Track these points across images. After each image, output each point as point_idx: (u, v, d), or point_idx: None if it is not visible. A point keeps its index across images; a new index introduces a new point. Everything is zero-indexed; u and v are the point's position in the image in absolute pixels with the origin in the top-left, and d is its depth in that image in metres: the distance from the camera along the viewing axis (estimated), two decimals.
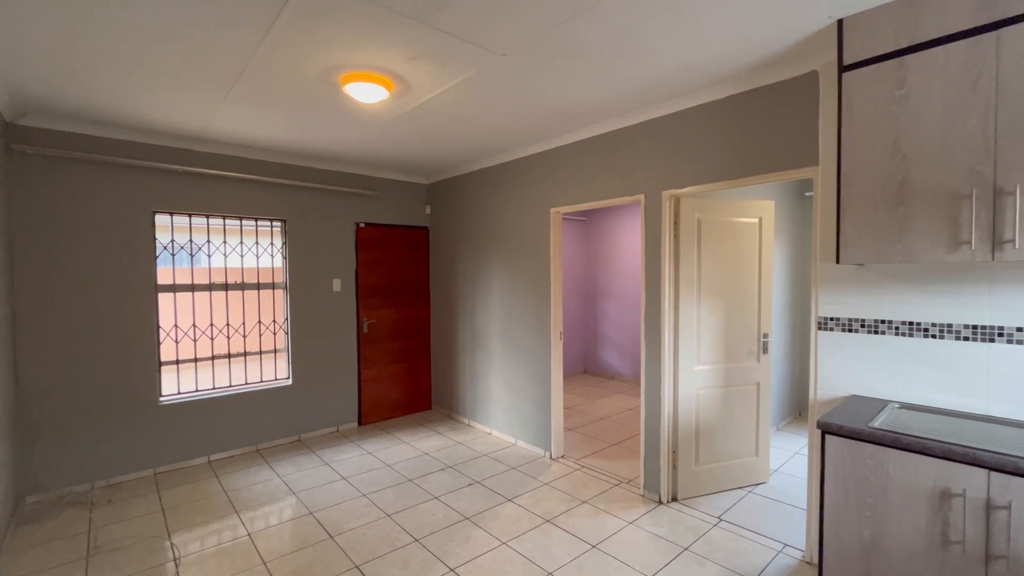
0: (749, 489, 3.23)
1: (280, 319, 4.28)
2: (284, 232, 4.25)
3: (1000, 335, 1.83)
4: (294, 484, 3.42)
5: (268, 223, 4.20)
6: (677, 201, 3.00)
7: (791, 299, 4.55)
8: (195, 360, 3.89)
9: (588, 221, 6.89)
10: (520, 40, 2.13)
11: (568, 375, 6.78)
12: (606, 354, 6.71)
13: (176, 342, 3.76)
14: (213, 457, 3.87)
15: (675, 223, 3.01)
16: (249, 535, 2.77)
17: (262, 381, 4.19)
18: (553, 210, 3.75)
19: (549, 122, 3.27)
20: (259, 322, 4.18)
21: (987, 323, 1.86)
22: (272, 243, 4.24)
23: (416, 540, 2.69)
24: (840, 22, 1.96)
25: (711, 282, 3.10)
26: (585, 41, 2.14)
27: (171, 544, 2.68)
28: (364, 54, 2.24)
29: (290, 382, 4.26)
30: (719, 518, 2.88)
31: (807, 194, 4.63)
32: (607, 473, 3.55)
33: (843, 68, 1.94)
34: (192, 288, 3.80)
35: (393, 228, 4.92)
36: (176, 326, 3.75)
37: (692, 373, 3.06)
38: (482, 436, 4.38)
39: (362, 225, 4.68)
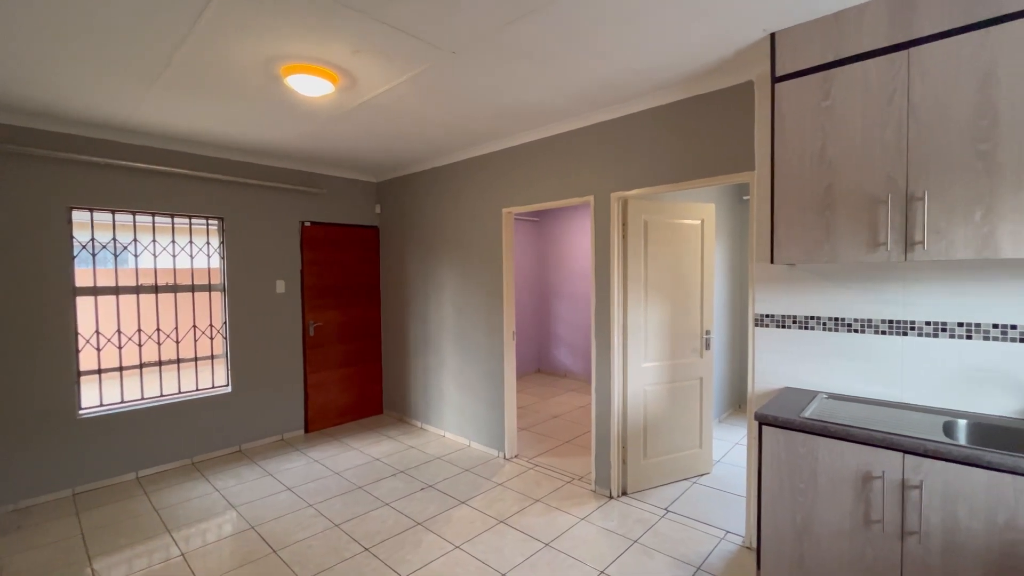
0: (694, 480, 3.37)
1: (218, 323, 4.03)
2: (221, 231, 4.01)
3: (912, 329, 2.00)
4: (234, 497, 3.23)
5: (203, 221, 3.94)
6: (625, 203, 3.08)
7: (731, 297, 4.79)
8: (120, 369, 3.59)
9: (540, 221, 6.95)
10: (469, 38, 2.11)
11: (521, 375, 6.82)
12: (559, 353, 6.80)
13: (98, 350, 3.45)
14: (142, 473, 3.59)
15: (623, 224, 3.09)
16: (183, 555, 2.58)
17: (198, 390, 3.93)
18: (505, 210, 3.75)
19: (501, 122, 3.27)
20: (194, 326, 3.92)
21: (901, 318, 2.02)
22: (208, 242, 3.98)
23: (366, 549, 2.61)
24: (773, 36, 2.07)
25: (657, 281, 3.20)
26: (535, 42, 2.15)
27: (92, 571, 2.46)
28: (306, 45, 2.15)
29: (229, 389, 4.02)
30: (666, 509, 2.98)
31: (744, 198, 4.88)
32: (560, 471, 3.59)
33: (776, 79, 2.06)
34: (116, 291, 3.51)
35: (341, 227, 4.75)
36: (98, 332, 3.45)
37: (640, 370, 3.15)
38: (435, 439, 4.32)
39: (307, 224, 4.49)
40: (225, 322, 4.02)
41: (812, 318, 2.25)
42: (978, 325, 1.86)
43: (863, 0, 1.83)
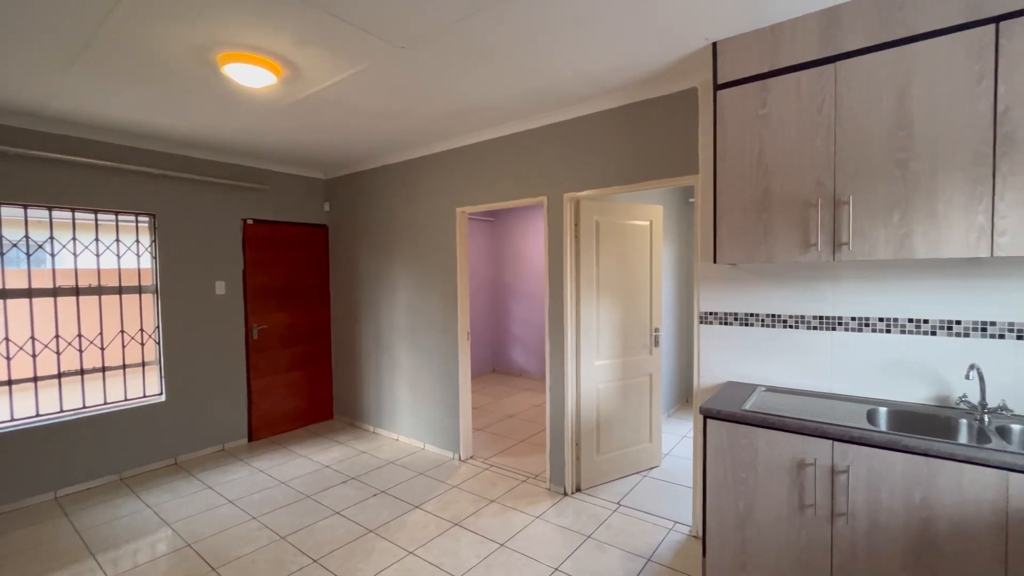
0: (644, 473, 3.46)
1: (149, 327, 3.76)
2: (153, 228, 3.73)
3: (840, 324, 2.14)
4: (169, 514, 3.02)
5: (132, 218, 3.66)
6: (577, 204, 3.12)
7: (678, 296, 4.97)
8: (35, 379, 3.27)
9: (496, 221, 6.95)
10: (419, 33, 2.07)
11: (477, 375, 6.79)
12: (514, 353, 6.82)
13: (7, 359, 3.13)
14: (61, 492, 3.29)
15: (575, 224, 3.13)
16: None
17: (127, 400, 3.64)
18: (459, 209, 3.71)
19: (454, 121, 3.23)
20: (122, 331, 3.63)
21: (831, 314, 2.16)
22: (138, 241, 3.70)
23: (314, 561, 2.51)
24: (715, 45, 2.16)
25: (608, 281, 3.27)
26: (485, 41, 2.14)
27: None
28: (245, 33, 2.03)
29: (163, 398, 3.76)
30: (618, 503, 3.05)
31: (691, 200, 5.08)
32: (515, 470, 3.59)
33: (717, 86, 2.15)
34: (30, 293, 3.19)
35: (287, 225, 4.55)
36: (8, 339, 3.12)
37: (593, 368, 3.21)
38: (388, 443, 4.22)
39: (250, 222, 4.27)
40: (157, 326, 3.76)
41: (752, 315, 2.36)
42: (896, 320, 2.01)
43: (796, 15, 1.94)
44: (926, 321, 1.95)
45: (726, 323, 2.44)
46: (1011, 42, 1.57)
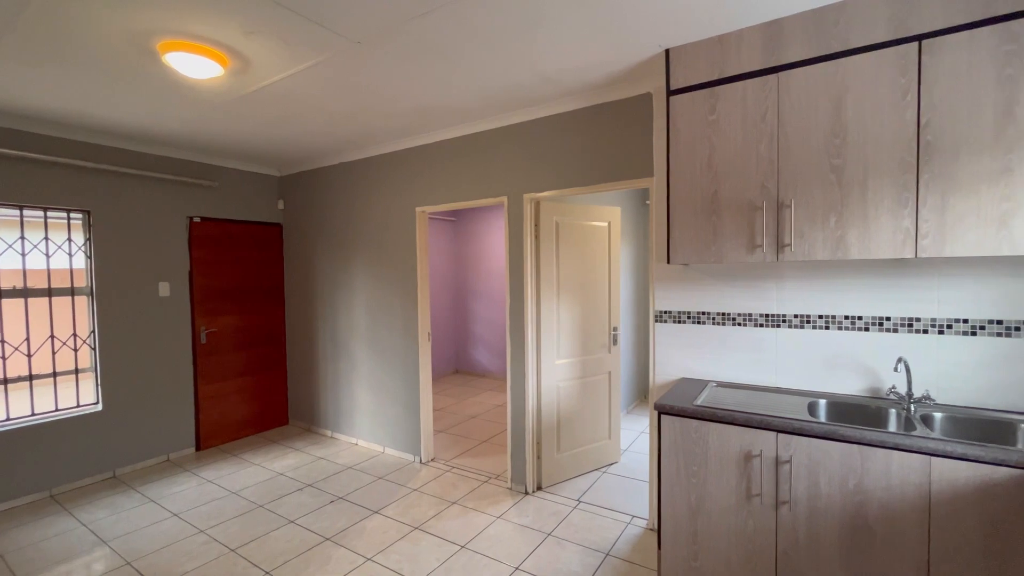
0: (604, 469, 3.53)
1: (84, 332, 3.51)
2: (88, 226, 3.49)
3: (784, 322, 2.25)
4: (106, 531, 2.83)
5: (63, 214, 3.41)
6: (537, 204, 3.15)
7: (636, 295, 5.10)
8: None
9: (457, 221, 6.91)
10: (375, 29, 2.03)
11: (439, 376, 6.73)
12: (477, 353, 6.80)
13: None
14: None
15: (536, 225, 3.16)
16: None
17: (58, 410, 3.39)
18: (419, 209, 3.67)
19: (413, 119, 3.19)
20: (52, 336, 3.38)
21: (776, 312, 2.27)
22: (70, 239, 3.45)
23: (267, 573, 2.41)
24: (668, 52, 2.23)
25: (568, 281, 3.31)
26: (443, 39, 2.12)
27: None
28: (187, 20, 1.93)
29: (100, 408, 3.52)
30: (578, 500, 3.09)
31: (647, 202, 5.22)
32: (477, 471, 3.58)
33: (670, 92, 2.22)
34: None
35: (238, 224, 4.36)
36: None
37: (553, 367, 3.24)
38: (347, 448, 4.12)
39: (197, 220, 4.06)
40: (93, 331, 3.52)
41: (704, 313, 2.45)
42: (834, 317, 2.14)
43: (742, 26, 2.02)
44: (860, 318, 2.08)
45: (680, 321, 2.52)
46: (932, 58, 1.69)
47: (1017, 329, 1.82)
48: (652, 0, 1.84)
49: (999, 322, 1.84)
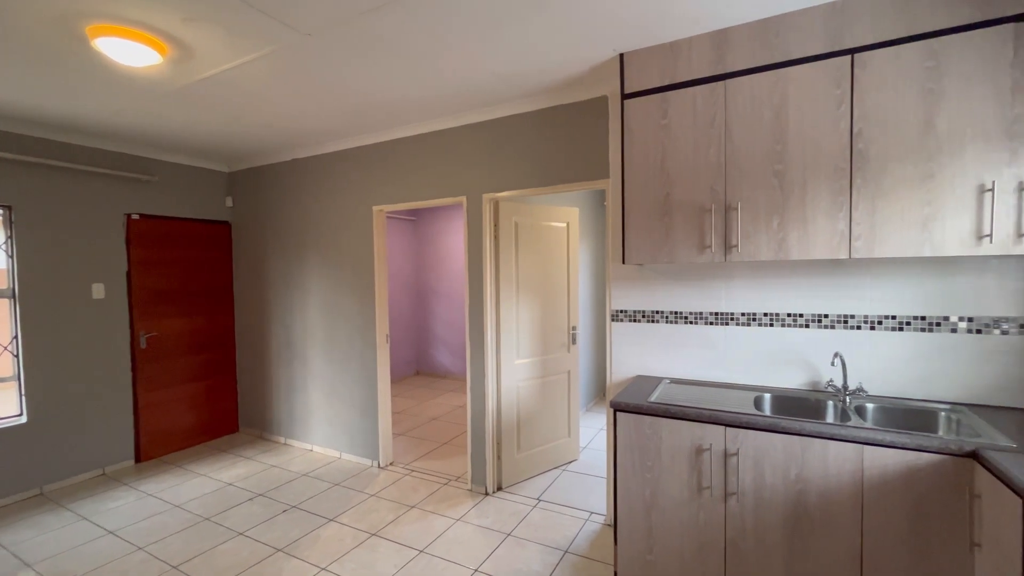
0: (564, 467, 3.57)
1: (5, 337, 3.23)
2: (9, 222, 3.22)
3: (732, 320, 2.34)
4: (30, 553, 2.62)
5: None
6: (496, 204, 3.14)
7: (594, 295, 5.18)
8: None
9: (418, 221, 6.82)
10: (326, 21, 1.96)
11: (400, 378, 6.62)
12: (438, 354, 6.73)
13: None
14: None
15: (495, 225, 3.15)
16: None
17: None
18: (376, 208, 3.59)
19: (369, 116, 3.11)
20: None
21: (725, 310, 2.36)
22: None
23: None
24: (622, 56, 2.27)
25: (528, 281, 3.33)
26: (397, 35, 2.08)
27: None
28: (118, 3, 1.81)
29: (23, 420, 3.25)
30: (538, 499, 3.11)
31: (604, 203, 5.32)
32: (437, 473, 3.54)
33: (624, 96, 2.26)
34: None
35: (182, 221, 4.13)
36: None
37: (513, 367, 3.25)
38: (301, 455, 3.98)
39: (135, 217, 3.82)
40: (16, 336, 3.24)
41: (658, 312, 2.51)
42: (777, 314, 2.24)
43: (692, 34, 2.09)
44: (801, 315, 2.20)
45: (635, 320, 2.57)
46: (864, 71, 1.80)
47: (938, 324, 1.96)
48: (607, 5, 1.87)
49: (923, 318, 1.99)
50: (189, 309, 4.17)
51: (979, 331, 1.91)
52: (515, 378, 3.26)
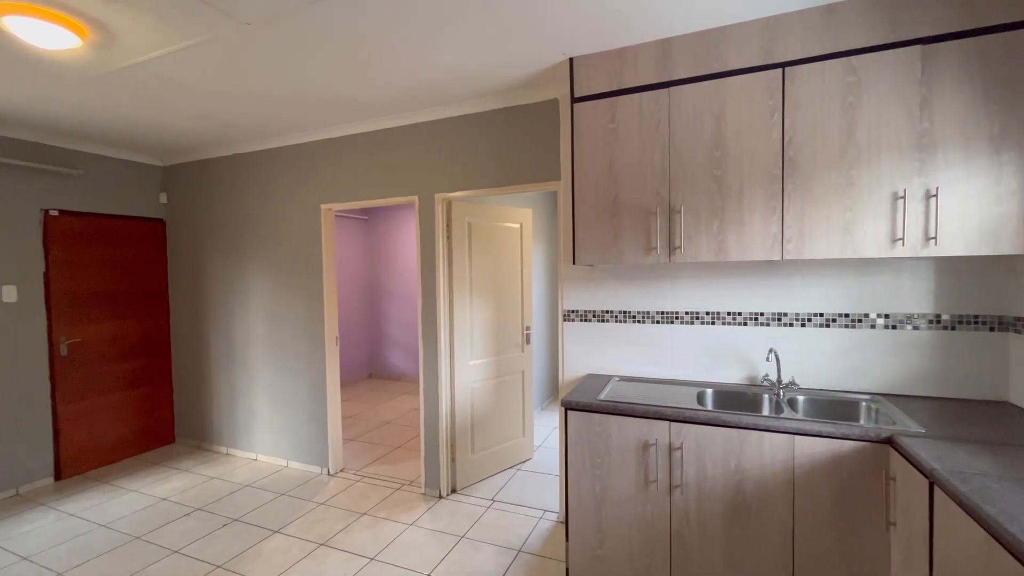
0: (518, 467, 3.59)
1: None
2: None
3: (677, 318, 2.43)
4: None
5: None
6: (449, 204, 3.12)
7: (548, 295, 5.24)
8: None
9: (371, 220, 6.66)
10: (266, 11, 1.88)
11: (352, 382, 6.44)
12: (392, 356, 6.60)
13: None
14: None
15: (448, 225, 3.12)
16: None
17: None
18: (324, 206, 3.47)
19: (315, 111, 3.01)
20: None
21: (670, 309, 2.45)
22: None
23: None
24: (571, 60, 2.31)
25: (481, 281, 3.32)
26: (343, 28, 2.02)
27: None
28: None
29: None
30: (492, 500, 3.11)
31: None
32: (390, 478, 3.47)
33: (574, 99, 2.30)
34: None
35: (110, 218, 3.84)
36: None
37: (467, 368, 3.23)
38: (244, 464, 3.79)
39: (55, 213, 3.51)
40: None
41: (607, 312, 2.57)
42: (718, 313, 2.35)
43: (638, 42, 2.15)
44: (740, 314, 2.31)
45: (586, 320, 2.62)
46: (794, 84, 1.92)
47: (859, 321, 2.12)
48: (554, 9, 1.89)
49: (847, 315, 2.14)
50: (118, 313, 3.88)
51: (894, 327, 2.07)
52: (469, 379, 3.24)
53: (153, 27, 1.98)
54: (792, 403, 2.12)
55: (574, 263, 2.32)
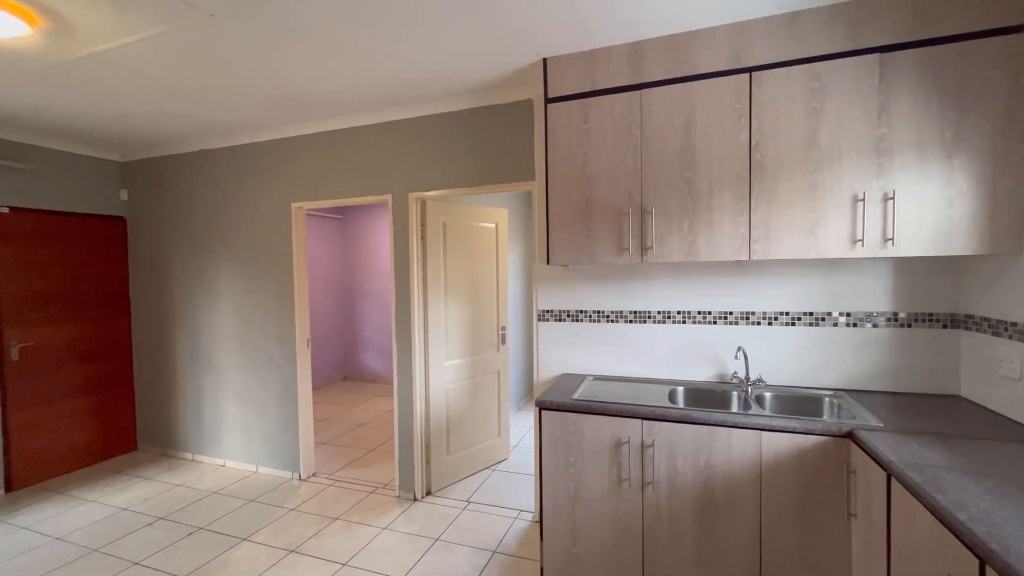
0: (494, 467, 3.58)
1: None
2: None
3: (649, 317, 2.46)
4: None
5: None
6: (423, 204, 3.09)
7: (523, 295, 5.25)
8: None
9: (345, 219, 6.54)
10: (232, 1, 1.82)
11: (326, 384, 6.31)
12: (367, 357, 6.50)
13: None
14: None
15: (422, 225, 3.09)
16: None
17: None
18: (295, 205, 3.39)
19: (285, 108, 2.94)
20: None
21: (643, 309, 2.48)
22: None
23: None
24: (545, 61, 2.31)
25: (456, 281, 3.30)
26: (313, 21, 1.98)
27: None
28: None
29: None
30: (468, 501, 3.09)
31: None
32: (363, 482, 3.41)
33: (548, 100, 2.30)
34: None
35: (66, 216, 3.66)
36: None
37: (442, 369, 3.20)
38: (211, 471, 3.67)
39: (5, 210, 3.33)
40: None
41: (581, 311, 2.59)
42: (689, 312, 2.39)
43: (610, 44, 2.17)
44: (710, 312, 2.36)
45: (560, 320, 2.63)
46: (760, 88, 1.97)
47: (823, 319, 2.19)
48: (526, 9, 1.89)
49: (811, 314, 2.20)
50: (76, 315, 3.71)
51: (855, 324, 2.15)
52: (444, 380, 3.22)
53: (111, 16, 1.89)
54: (760, 400, 2.18)
55: (548, 263, 2.33)
